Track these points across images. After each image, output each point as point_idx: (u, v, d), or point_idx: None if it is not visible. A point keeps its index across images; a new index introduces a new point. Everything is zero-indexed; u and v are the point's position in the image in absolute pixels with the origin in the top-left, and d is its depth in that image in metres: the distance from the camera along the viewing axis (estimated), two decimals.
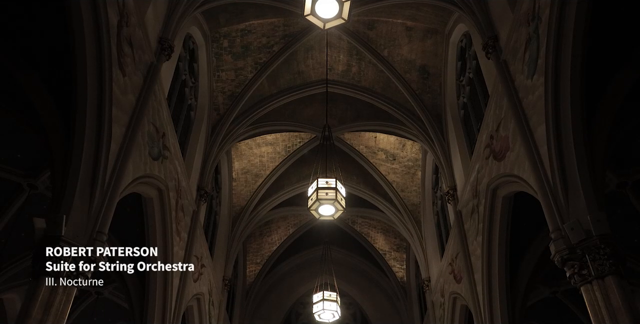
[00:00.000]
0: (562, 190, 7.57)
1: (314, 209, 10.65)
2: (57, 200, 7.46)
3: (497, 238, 10.85)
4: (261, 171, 18.52)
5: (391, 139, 17.46)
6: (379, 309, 22.61)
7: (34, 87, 8.01)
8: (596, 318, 6.75)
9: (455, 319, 14.30)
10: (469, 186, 12.31)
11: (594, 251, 6.95)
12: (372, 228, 21.56)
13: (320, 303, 15.30)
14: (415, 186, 18.35)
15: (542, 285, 13.35)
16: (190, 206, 13.08)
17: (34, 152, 10.44)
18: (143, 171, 9.52)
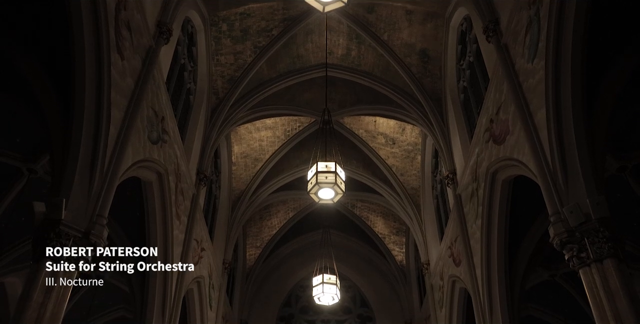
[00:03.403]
0: (562, 174, 7.58)
1: (314, 192, 10.66)
2: (57, 184, 7.47)
3: (496, 222, 10.88)
4: (261, 155, 18.52)
5: (391, 123, 17.44)
6: (378, 292, 22.74)
7: (33, 72, 7.98)
8: (594, 301, 6.79)
9: (454, 302, 14.39)
10: (468, 169, 12.32)
11: (593, 234, 6.97)
12: (372, 212, 21.61)
13: (320, 286, 15.39)
14: (414, 170, 18.36)
15: (540, 268, 13.40)
16: (189, 189, 13.09)
17: (33, 137, 10.41)
18: (142, 155, 9.52)
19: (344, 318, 22.16)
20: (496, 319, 10.92)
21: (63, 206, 7.14)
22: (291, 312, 22.45)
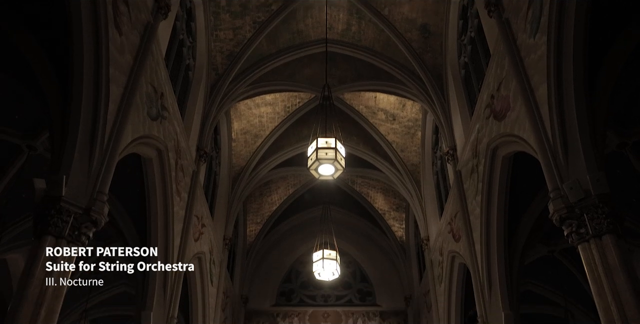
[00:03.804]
0: (562, 150, 7.57)
1: (314, 169, 10.66)
2: (57, 161, 7.46)
3: (496, 198, 10.90)
4: (260, 131, 18.49)
5: (391, 99, 17.37)
6: (378, 267, 22.91)
7: (30, 48, 7.91)
8: (592, 277, 6.83)
9: (454, 278, 14.51)
10: (468, 145, 12.31)
11: (592, 210, 6.99)
12: (372, 188, 21.65)
13: (320, 262, 15.49)
14: (415, 146, 18.34)
15: (540, 244, 13.46)
16: (189, 166, 13.10)
17: (32, 114, 10.37)
18: (142, 131, 9.49)
19: (344, 293, 22.36)
20: (495, 295, 11.02)
21: (63, 183, 7.15)
22: (291, 287, 22.65)
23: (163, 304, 11.13)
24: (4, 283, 14.46)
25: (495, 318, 10.90)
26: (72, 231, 7.11)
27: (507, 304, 10.80)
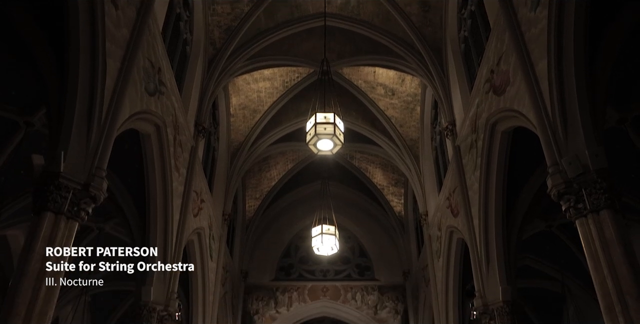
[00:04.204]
0: (562, 125, 7.55)
1: (313, 144, 10.65)
2: (55, 137, 7.45)
3: (494, 173, 10.90)
4: (259, 106, 18.41)
5: (390, 73, 17.27)
6: (376, 242, 23.06)
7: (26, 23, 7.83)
8: (589, 251, 6.87)
9: (452, 252, 14.60)
10: (468, 121, 12.27)
11: (591, 185, 7.01)
12: (371, 163, 21.66)
13: (319, 237, 15.54)
14: (414, 121, 18.29)
15: (538, 219, 13.51)
16: (188, 141, 13.07)
17: (29, 89, 10.28)
18: (140, 106, 9.44)
19: (343, 268, 22.55)
20: (492, 269, 11.10)
21: (62, 159, 7.14)
22: (290, 262, 22.84)
23: (163, 279, 11.21)
24: (4, 259, 14.53)
25: (493, 292, 10.99)
26: (71, 207, 7.13)
27: (505, 279, 10.90)
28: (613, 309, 6.40)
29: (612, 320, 6.40)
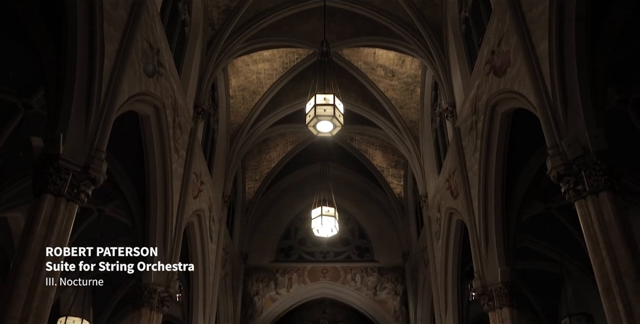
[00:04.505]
0: (562, 106, 7.53)
1: (312, 125, 10.62)
2: (53, 119, 7.44)
3: (494, 155, 10.90)
4: (258, 87, 18.33)
5: (390, 54, 17.17)
6: (376, 224, 23.11)
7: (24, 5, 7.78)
8: (588, 233, 6.90)
9: (451, 234, 14.63)
10: (468, 102, 12.23)
11: (590, 167, 7.01)
12: (370, 145, 21.63)
13: (319, 219, 15.56)
14: (414, 103, 18.23)
15: (537, 201, 13.52)
16: (187, 123, 13.04)
17: (27, 71, 10.23)
18: (138, 88, 9.41)
19: (343, 250, 22.62)
20: (491, 251, 11.14)
21: (61, 141, 7.14)
22: (290, 244, 22.90)
23: (163, 261, 11.24)
24: (5, 241, 14.56)
25: (492, 273, 11.05)
26: (71, 189, 7.15)
27: (504, 260, 10.95)
28: (611, 291, 6.44)
29: (610, 301, 6.45)
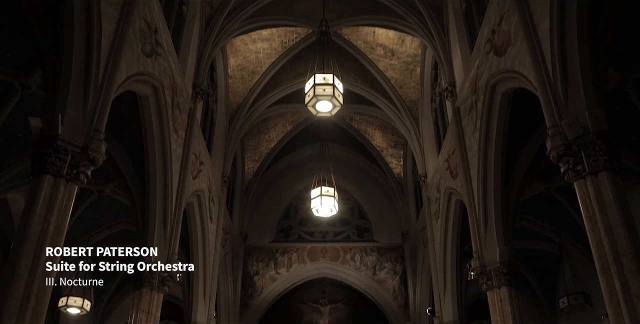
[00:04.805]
0: (562, 86, 7.51)
1: (311, 105, 10.60)
2: (51, 99, 7.42)
3: (494, 134, 10.88)
4: (257, 67, 18.23)
5: (390, 34, 17.04)
6: (375, 204, 23.17)
7: None
8: (587, 213, 6.92)
9: (450, 214, 14.67)
10: (468, 82, 12.18)
11: (590, 147, 7.01)
12: (370, 125, 21.59)
13: (318, 199, 15.59)
14: (413, 83, 18.15)
15: (536, 181, 13.54)
16: (186, 103, 12.98)
17: (24, 51, 10.14)
18: (136, 68, 9.35)
19: (342, 229, 22.70)
20: (490, 230, 11.18)
21: (59, 121, 7.13)
22: (290, 224, 22.97)
23: (164, 241, 11.30)
24: (5, 222, 14.60)
25: (490, 253, 11.10)
26: (70, 170, 7.15)
27: (502, 240, 11.00)
28: (609, 270, 6.48)
29: (608, 280, 6.48)
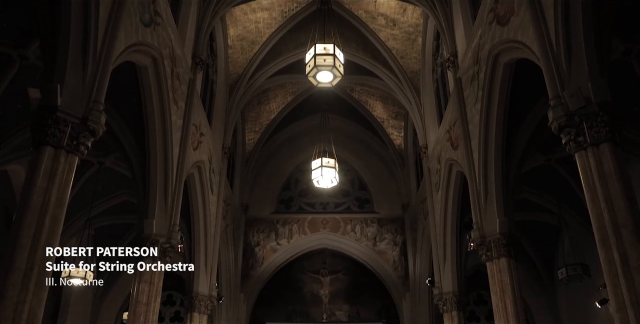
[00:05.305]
0: (565, 56, 7.45)
1: (312, 75, 10.56)
2: (50, 70, 7.37)
3: (495, 106, 10.83)
4: (257, 37, 18.05)
5: (391, 3, 16.82)
6: (376, 175, 23.20)
7: None
8: (587, 184, 6.93)
9: (451, 185, 14.70)
10: (470, 52, 12.07)
11: (592, 118, 6.99)
12: (371, 96, 21.48)
13: (319, 170, 15.63)
14: (415, 53, 17.99)
15: (537, 152, 13.52)
16: (186, 74, 12.89)
17: (21, 21, 10.05)
18: (135, 38, 9.27)
19: (342, 201, 22.78)
20: (490, 202, 11.22)
21: (58, 92, 7.09)
22: (291, 195, 23.05)
23: (165, 212, 11.35)
24: (6, 194, 14.63)
25: (490, 224, 11.16)
26: (71, 141, 7.14)
27: (502, 211, 11.04)
28: (608, 241, 6.52)
29: (607, 251, 6.53)
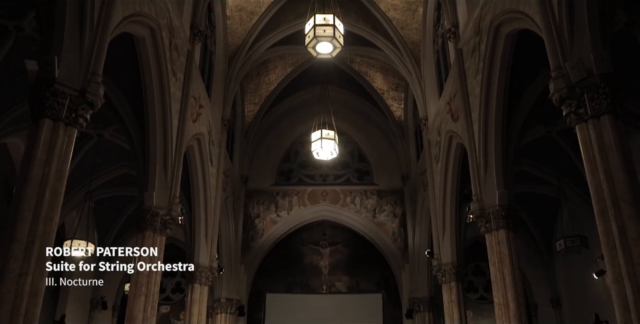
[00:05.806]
0: (568, 27, 7.38)
1: (312, 46, 10.48)
2: (46, 42, 7.30)
3: (496, 77, 10.78)
4: (256, 8, 17.84)
5: None
6: (376, 147, 23.20)
7: None
8: (587, 156, 6.93)
9: (450, 157, 14.70)
10: (471, 22, 11.95)
11: (593, 90, 6.95)
12: (371, 67, 21.34)
13: (319, 142, 15.63)
14: (416, 24, 17.80)
15: (537, 124, 13.48)
16: (184, 45, 12.78)
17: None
18: (132, 9, 9.17)
19: (342, 172, 22.82)
20: (490, 174, 11.23)
21: (55, 64, 7.03)
22: (290, 167, 23.08)
23: (165, 184, 11.38)
24: (6, 167, 14.63)
25: (490, 196, 11.19)
26: (69, 114, 7.11)
27: (502, 183, 11.07)
28: (606, 213, 6.54)
29: (605, 223, 6.55)
